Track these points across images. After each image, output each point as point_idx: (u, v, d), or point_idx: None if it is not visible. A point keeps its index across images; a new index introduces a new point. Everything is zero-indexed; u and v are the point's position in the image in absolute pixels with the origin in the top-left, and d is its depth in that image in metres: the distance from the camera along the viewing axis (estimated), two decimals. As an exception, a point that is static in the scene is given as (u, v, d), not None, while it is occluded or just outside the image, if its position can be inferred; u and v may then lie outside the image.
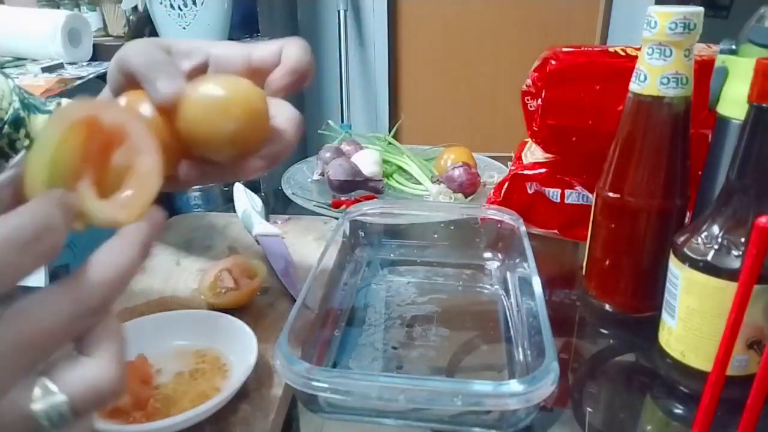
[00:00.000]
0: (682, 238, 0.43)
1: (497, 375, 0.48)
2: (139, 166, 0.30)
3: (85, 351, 0.25)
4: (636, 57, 0.50)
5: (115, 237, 0.27)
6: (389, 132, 0.98)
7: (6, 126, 0.53)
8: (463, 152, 0.84)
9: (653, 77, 0.48)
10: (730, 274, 0.40)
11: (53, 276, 1.22)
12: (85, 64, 1.49)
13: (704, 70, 0.49)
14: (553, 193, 0.68)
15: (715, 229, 0.42)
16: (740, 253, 0.40)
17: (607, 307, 0.55)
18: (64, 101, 0.58)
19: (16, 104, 0.54)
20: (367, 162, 0.82)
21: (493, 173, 0.85)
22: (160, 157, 0.30)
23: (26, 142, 0.54)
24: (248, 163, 0.36)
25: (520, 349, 0.49)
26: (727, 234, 0.41)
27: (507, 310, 0.56)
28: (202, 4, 1.51)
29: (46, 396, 0.23)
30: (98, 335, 0.25)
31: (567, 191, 0.67)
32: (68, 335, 0.24)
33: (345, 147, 0.89)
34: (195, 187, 0.66)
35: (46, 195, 0.26)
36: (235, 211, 0.72)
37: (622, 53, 0.62)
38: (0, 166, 0.54)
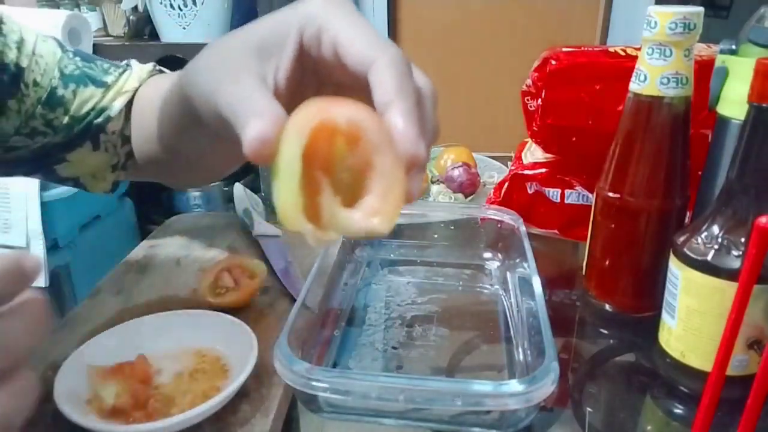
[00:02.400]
0: (682, 238, 0.43)
1: (497, 375, 0.48)
2: (380, 167, 0.27)
3: None
4: (636, 57, 0.50)
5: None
6: (389, 132, 0.98)
7: (40, 107, 0.50)
8: (463, 152, 0.84)
9: (653, 77, 0.48)
10: (730, 274, 0.40)
11: (53, 276, 1.24)
12: (85, 64, 1.49)
13: (704, 70, 0.49)
14: (553, 193, 0.68)
15: (715, 229, 0.42)
16: (740, 253, 0.40)
17: (607, 307, 0.55)
18: (135, 69, 0.54)
19: (56, 81, 0.51)
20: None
21: (493, 173, 0.85)
22: (400, 155, 0.26)
23: (65, 120, 0.51)
24: None
25: (520, 349, 0.49)
26: (727, 234, 0.41)
27: (507, 310, 0.56)
28: (202, 4, 1.51)
29: None
30: None
31: (567, 191, 0.67)
32: None
33: (345, 147, 0.89)
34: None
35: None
36: (235, 211, 0.72)
37: (622, 53, 0.62)
38: (35, 143, 0.51)
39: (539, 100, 0.64)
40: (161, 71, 0.57)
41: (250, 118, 0.27)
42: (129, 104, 0.54)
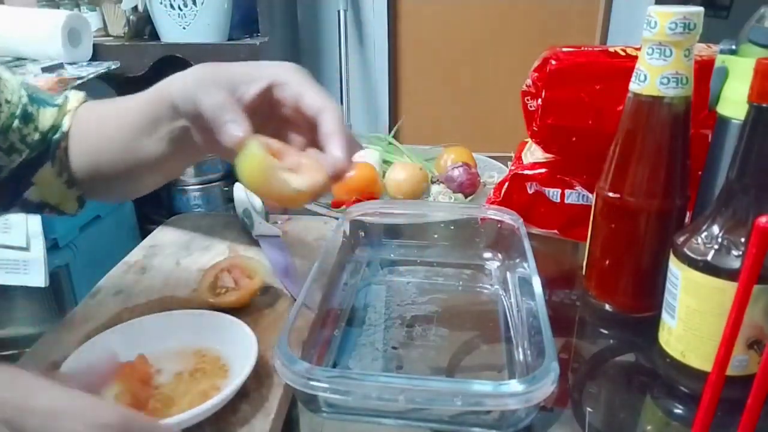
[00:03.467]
0: (682, 238, 0.43)
1: (497, 375, 0.48)
2: (306, 163, 0.42)
3: None
4: (636, 57, 0.50)
5: None
6: (389, 132, 0.98)
7: (16, 120, 0.53)
8: (463, 152, 0.84)
9: (653, 77, 0.48)
10: (730, 274, 0.40)
11: (53, 276, 1.24)
12: (85, 64, 1.49)
13: (704, 70, 0.49)
14: (553, 193, 0.68)
15: (715, 229, 0.42)
16: (740, 253, 0.40)
17: (607, 307, 0.55)
18: (71, 94, 0.59)
19: (24, 99, 0.55)
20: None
21: (493, 173, 0.85)
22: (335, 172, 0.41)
23: (36, 136, 0.54)
24: None
25: (520, 349, 0.49)
26: (727, 234, 0.41)
27: (507, 310, 0.56)
28: (202, 4, 1.51)
29: None
30: None
31: (567, 191, 0.67)
32: None
33: (345, 147, 0.89)
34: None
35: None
36: (235, 211, 0.72)
37: (622, 53, 0.62)
38: (12, 162, 0.54)
39: (539, 100, 0.64)
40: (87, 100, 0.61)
41: (228, 122, 0.41)
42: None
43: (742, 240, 0.40)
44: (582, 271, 0.58)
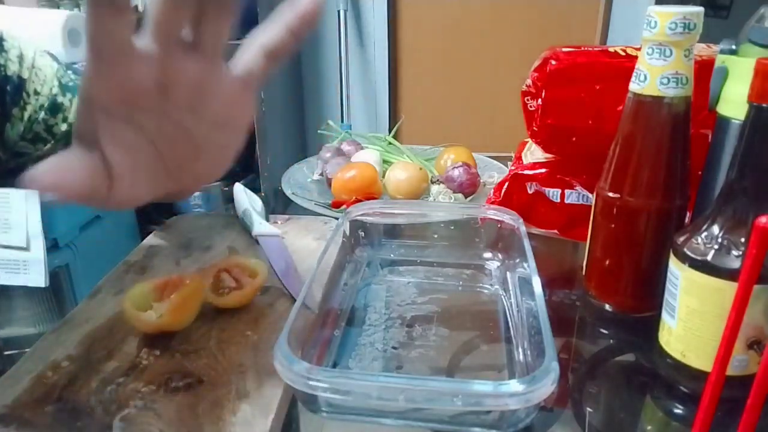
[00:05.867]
0: (682, 238, 0.43)
1: (497, 375, 0.48)
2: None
3: None
4: (636, 57, 0.50)
5: None
6: (389, 132, 0.98)
7: (44, 112, 0.53)
8: (463, 152, 0.85)
9: (653, 77, 0.48)
10: (730, 274, 0.40)
11: (53, 276, 1.24)
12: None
13: (704, 70, 0.49)
14: (553, 193, 0.68)
15: (715, 229, 0.42)
16: (740, 253, 0.40)
17: (607, 307, 0.55)
18: None
19: (55, 89, 0.54)
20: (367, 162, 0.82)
21: (493, 173, 0.85)
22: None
23: (63, 127, 0.54)
24: None
25: (520, 349, 0.49)
26: (727, 234, 0.41)
27: (507, 310, 0.56)
28: (202, 4, 1.51)
29: None
30: None
31: (567, 191, 0.67)
32: None
33: (345, 147, 0.89)
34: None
35: None
36: (235, 211, 0.72)
37: (622, 53, 0.62)
38: (37, 150, 0.54)
39: (539, 100, 0.64)
40: None
41: None
42: None
43: (742, 240, 0.40)
44: (582, 271, 0.58)
